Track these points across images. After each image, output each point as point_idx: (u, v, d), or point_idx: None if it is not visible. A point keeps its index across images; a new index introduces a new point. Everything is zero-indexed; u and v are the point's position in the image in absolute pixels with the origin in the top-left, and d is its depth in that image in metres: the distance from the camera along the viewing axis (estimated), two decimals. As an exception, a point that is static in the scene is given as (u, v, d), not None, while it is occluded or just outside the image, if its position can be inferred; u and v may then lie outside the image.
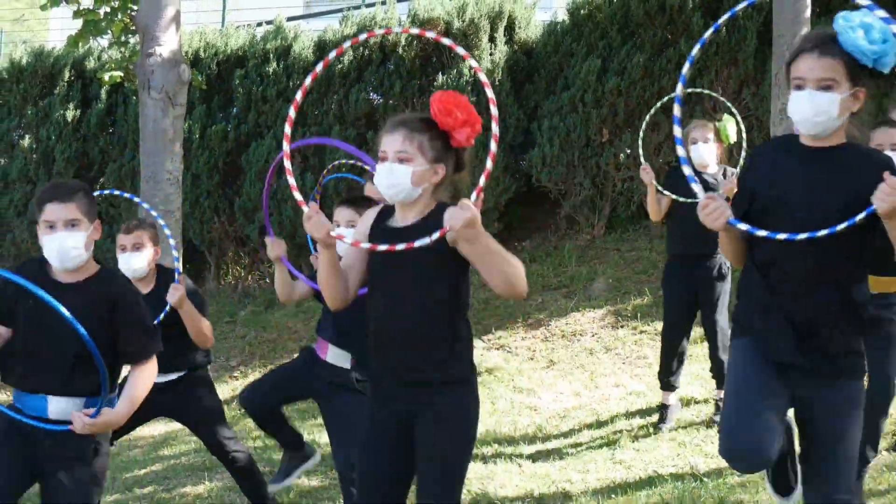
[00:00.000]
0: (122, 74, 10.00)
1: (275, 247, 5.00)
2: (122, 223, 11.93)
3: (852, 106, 3.29)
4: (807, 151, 3.39)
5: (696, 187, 3.41)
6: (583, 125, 10.44)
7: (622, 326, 8.88)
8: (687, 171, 3.41)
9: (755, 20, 9.99)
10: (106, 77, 10.04)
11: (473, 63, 3.42)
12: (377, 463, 3.61)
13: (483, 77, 3.43)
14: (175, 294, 5.10)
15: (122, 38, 9.85)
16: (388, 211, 3.70)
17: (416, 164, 3.49)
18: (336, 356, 5.06)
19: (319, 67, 3.58)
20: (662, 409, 6.93)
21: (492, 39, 11.03)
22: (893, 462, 5.70)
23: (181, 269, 5.33)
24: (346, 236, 3.62)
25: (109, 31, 9.64)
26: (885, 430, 5.95)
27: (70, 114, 12.08)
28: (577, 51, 10.71)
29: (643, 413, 7.21)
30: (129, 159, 11.78)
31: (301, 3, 17.52)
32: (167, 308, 5.14)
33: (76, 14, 9.40)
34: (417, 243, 3.35)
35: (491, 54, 10.90)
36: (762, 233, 3.23)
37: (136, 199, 5.86)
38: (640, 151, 7.59)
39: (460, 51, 3.49)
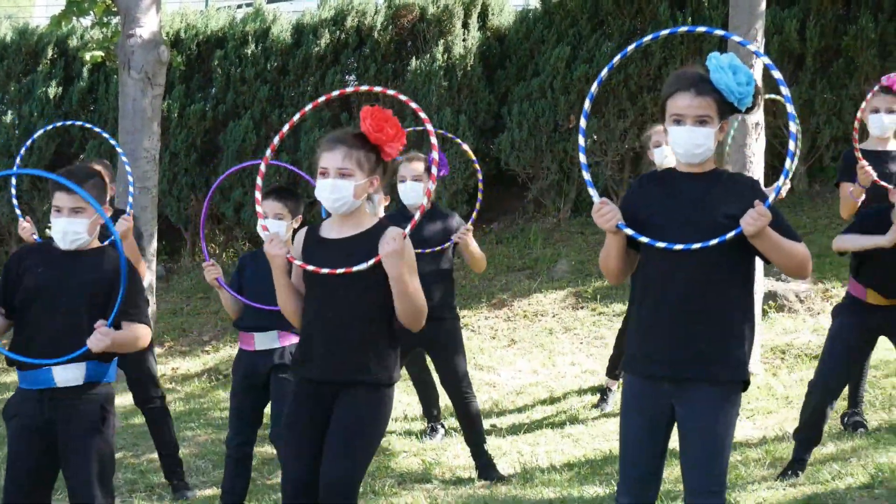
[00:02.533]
0: (103, 54, 10.22)
1: (210, 271, 5.15)
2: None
3: (719, 137, 3.61)
4: (683, 176, 3.67)
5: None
6: (551, 111, 10.73)
7: (582, 307, 9.16)
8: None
9: (720, 11, 10.25)
10: (87, 57, 10.26)
11: (423, 115, 3.83)
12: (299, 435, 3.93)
13: (430, 127, 3.86)
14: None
15: (104, 19, 10.07)
16: (313, 228, 4.02)
17: (357, 179, 3.83)
18: (263, 341, 5.24)
19: (324, 98, 4.12)
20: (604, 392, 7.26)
21: (465, 25, 11.29)
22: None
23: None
24: (296, 259, 3.89)
25: (92, 12, 9.87)
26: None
27: (52, 91, 12.27)
28: (547, 38, 10.98)
29: (595, 390, 7.52)
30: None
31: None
32: None
33: (59, -6, 9.62)
34: (356, 268, 3.73)
35: (464, 40, 11.16)
36: (644, 239, 3.52)
37: (112, 142, 6.14)
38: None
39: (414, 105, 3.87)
